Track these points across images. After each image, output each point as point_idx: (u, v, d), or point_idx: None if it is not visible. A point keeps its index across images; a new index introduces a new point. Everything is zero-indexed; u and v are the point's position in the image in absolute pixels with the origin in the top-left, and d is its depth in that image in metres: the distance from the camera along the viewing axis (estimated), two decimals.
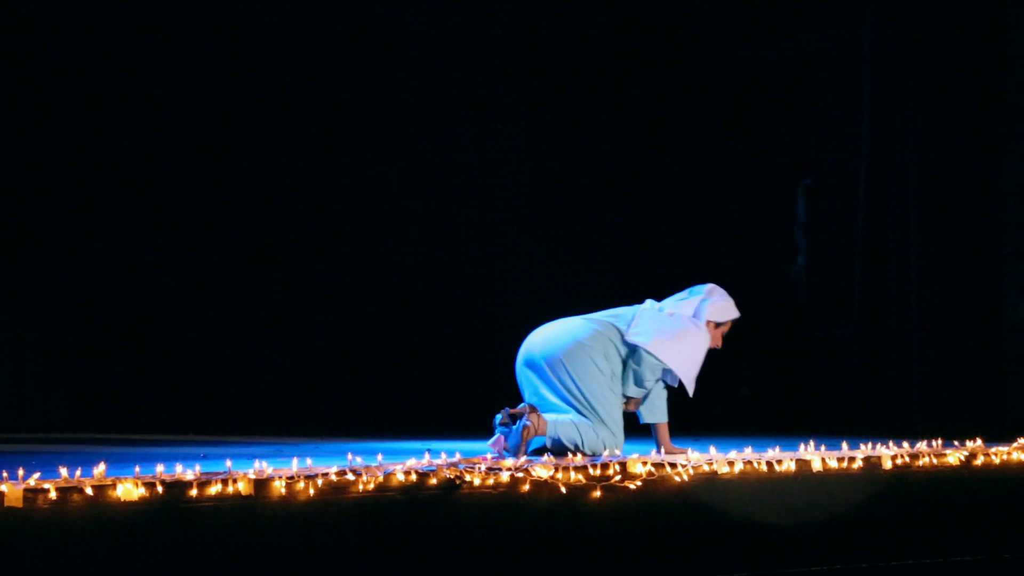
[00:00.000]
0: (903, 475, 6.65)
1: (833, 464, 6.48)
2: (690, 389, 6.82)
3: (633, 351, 6.75)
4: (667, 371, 6.78)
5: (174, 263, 9.66)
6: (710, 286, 7.08)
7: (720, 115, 10.82)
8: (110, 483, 5.04)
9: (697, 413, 10.02)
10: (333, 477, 5.42)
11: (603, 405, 6.66)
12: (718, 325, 7.04)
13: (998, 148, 9.58)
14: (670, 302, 7.02)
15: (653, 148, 10.73)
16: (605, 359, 6.72)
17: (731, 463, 6.24)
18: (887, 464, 6.63)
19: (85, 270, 9.49)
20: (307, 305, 9.95)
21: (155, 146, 9.59)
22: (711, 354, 7.00)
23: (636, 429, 7.01)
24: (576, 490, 5.85)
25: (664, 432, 6.87)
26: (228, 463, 5.39)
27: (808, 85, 10.88)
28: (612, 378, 6.73)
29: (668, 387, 6.93)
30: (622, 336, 6.79)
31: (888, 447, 6.84)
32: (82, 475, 5.07)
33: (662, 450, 6.64)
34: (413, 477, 5.56)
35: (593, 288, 10.44)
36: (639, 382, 6.77)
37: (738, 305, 7.09)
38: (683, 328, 6.85)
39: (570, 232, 10.55)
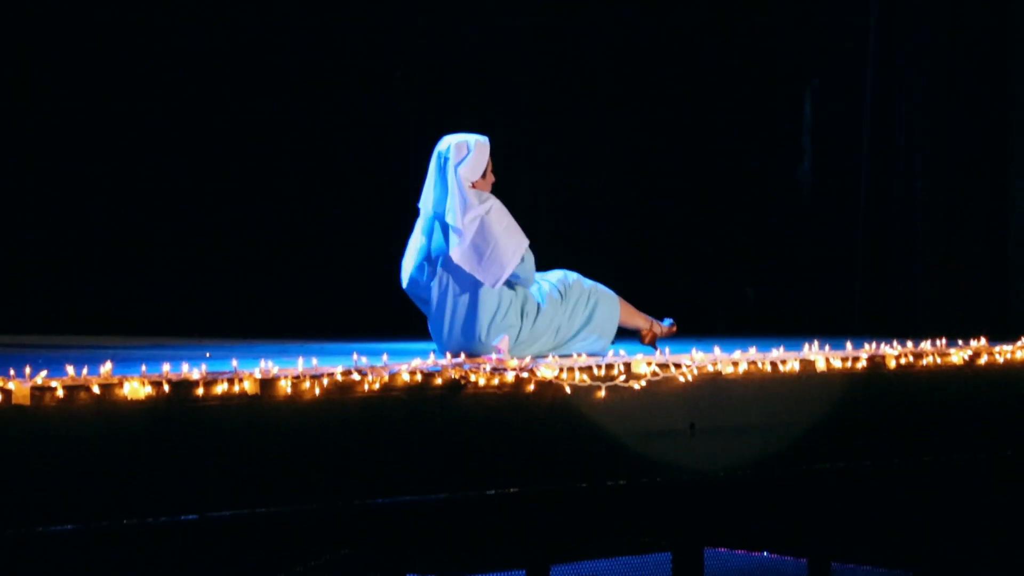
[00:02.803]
0: (907, 374, 6.67)
1: (837, 364, 6.49)
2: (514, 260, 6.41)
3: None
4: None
5: (178, 162, 9.63)
6: (441, 146, 6.52)
7: (725, 15, 10.73)
8: (117, 382, 5.06)
9: (702, 314, 10.08)
10: (338, 377, 5.43)
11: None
12: (484, 175, 6.51)
13: (1009, 47, 9.50)
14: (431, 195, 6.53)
15: (657, 45, 10.65)
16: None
17: (735, 363, 6.25)
18: (891, 364, 6.64)
19: (89, 170, 9.46)
20: (313, 205, 9.92)
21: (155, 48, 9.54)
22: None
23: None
24: (580, 390, 5.87)
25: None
26: (234, 362, 5.40)
27: None
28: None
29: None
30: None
31: (892, 347, 6.85)
32: (89, 374, 5.08)
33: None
34: (418, 377, 5.58)
35: (588, 193, 10.43)
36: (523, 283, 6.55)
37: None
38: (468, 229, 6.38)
39: (569, 136, 10.51)
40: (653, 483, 6.04)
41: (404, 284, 6.59)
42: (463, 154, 6.43)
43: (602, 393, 5.91)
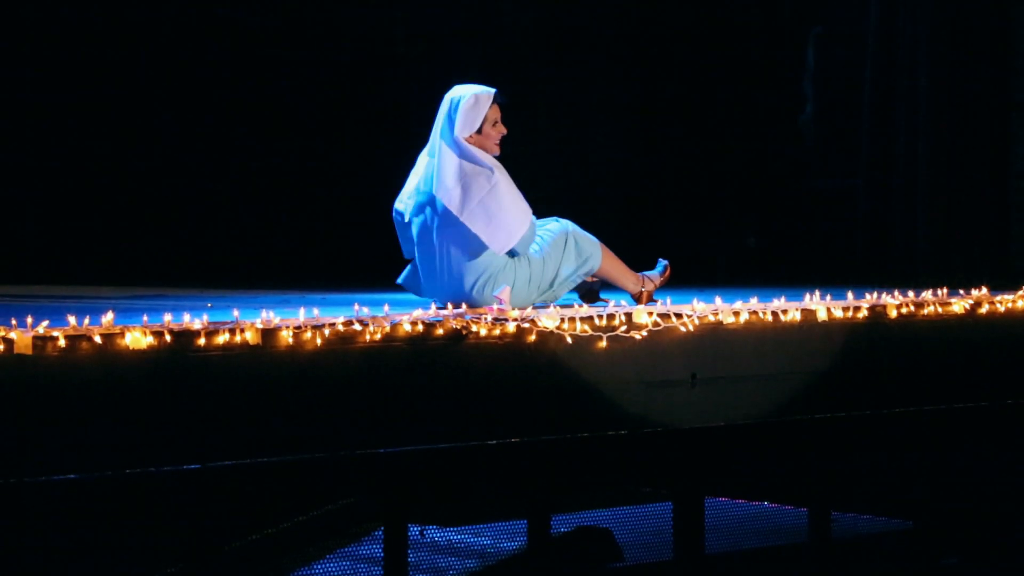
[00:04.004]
0: (908, 324, 6.69)
1: (839, 314, 6.51)
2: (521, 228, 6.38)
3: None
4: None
5: (177, 111, 9.62)
6: (447, 98, 6.42)
7: None
8: (118, 332, 5.07)
9: (703, 264, 10.10)
10: (340, 327, 5.44)
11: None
12: (479, 130, 6.42)
13: None
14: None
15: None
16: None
17: (736, 313, 6.27)
18: (892, 313, 6.66)
19: (86, 121, 9.46)
20: (314, 154, 9.93)
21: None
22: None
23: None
24: (582, 340, 5.89)
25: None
26: (235, 313, 5.42)
27: None
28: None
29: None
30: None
31: (893, 296, 6.86)
32: (91, 323, 5.10)
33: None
34: (420, 328, 5.59)
35: (588, 142, 10.42)
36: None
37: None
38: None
39: (568, 84, 10.49)
40: (654, 433, 6.07)
41: (392, 212, 6.58)
42: (453, 109, 6.35)
43: (603, 343, 5.93)
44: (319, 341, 5.39)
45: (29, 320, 5.04)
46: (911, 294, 6.88)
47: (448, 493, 5.91)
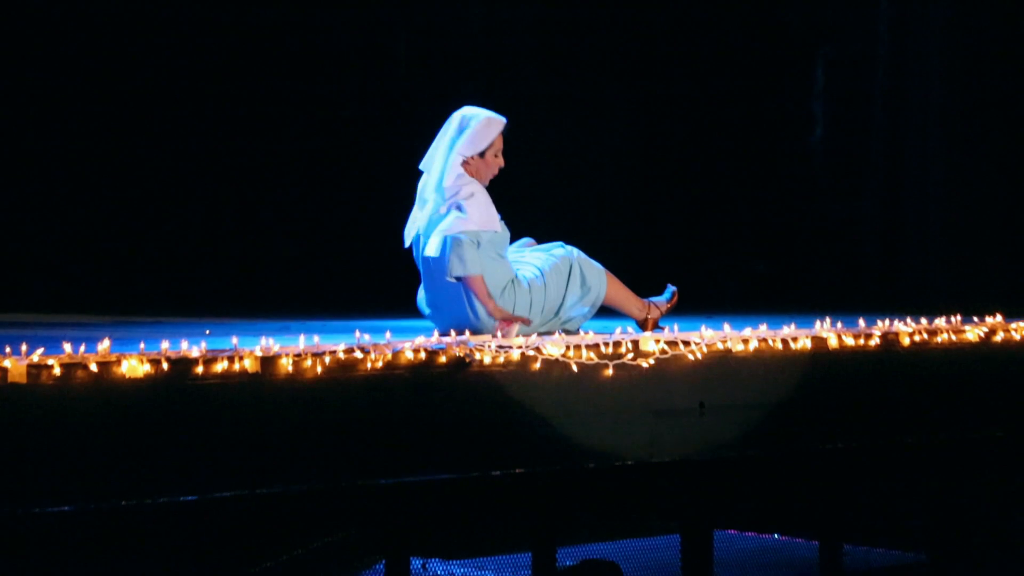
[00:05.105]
0: (921, 352, 6.68)
1: (850, 341, 6.50)
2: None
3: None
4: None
5: (176, 139, 9.64)
6: (457, 115, 6.46)
7: None
8: (115, 359, 5.07)
9: (711, 290, 10.10)
10: (341, 355, 5.44)
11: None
12: (482, 154, 6.45)
13: None
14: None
15: (664, 15, 10.65)
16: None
17: (745, 340, 6.26)
18: (905, 341, 6.65)
19: (85, 146, 9.48)
20: (315, 180, 9.94)
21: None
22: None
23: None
24: (588, 368, 5.88)
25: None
26: (234, 340, 5.42)
27: None
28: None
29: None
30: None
31: (906, 323, 6.86)
32: (86, 351, 5.10)
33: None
34: (422, 355, 5.59)
35: (595, 165, 10.44)
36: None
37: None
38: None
39: (575, 107, 10.51)
40: (662, 463, 6.06)
41: (406, 244, 6.61)
42: (464, 126, 6.39)
43: (609, 371, 5.93)
44: (319, 369, 5.39)
45: (23, 348, 5.04)
46: (924, 321, 6.88)
47: (451, 525, 5.90)
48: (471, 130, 6.38)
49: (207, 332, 6.55)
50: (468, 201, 6.29)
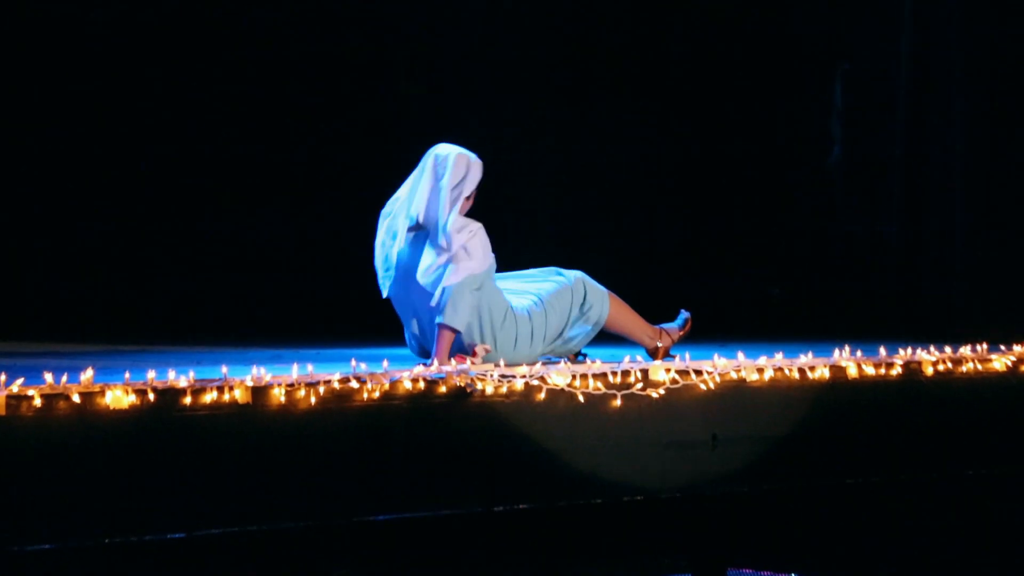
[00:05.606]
0: (945, 382, 6.67)
1: (870, 371, 6.50)
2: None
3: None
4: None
5: (167, 161, 9.67)
6: (439, 152, 6.51)
7: None
8: (98, 390, 5.07)
9: (724, 316, 10.08)
10: (336, 384, 5.44)
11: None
12: (468, 197, 6.50)
13: None
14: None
15: (679, 29, 10.67)
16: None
17: (760, 370, 6.26)
18: (928, 370, 6.65)
19: (71, 170, 9.50)
20: (308, 204, 9.95)
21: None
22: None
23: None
24: (595, 398, 5.88)
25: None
26: (224, 369, 5.42)
27: None
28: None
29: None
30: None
31: (929, 352, 6.85)
32: (68, 381, 5.10)
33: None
34: (421, 385, 5.59)
35: (605, 186, 10.45)
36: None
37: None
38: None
39: (584, 124, 10.53)
40: (672, 499, 6.05)
41: (384, 294, 6.63)
42: (462, 173, 6.43)
43: (618, 402, 5.92)
44: (313, 400, 5.39)
45: (2, 378, 5.03)
46: (948, 350, 6.87)
47: (451, 563, 5.89)
48: (470, 176, 6.43)
49: (197, 361, 6.55)
50: (472, 242, 6.31)
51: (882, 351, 6.85)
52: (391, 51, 10.15)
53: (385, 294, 6.62)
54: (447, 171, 6.41)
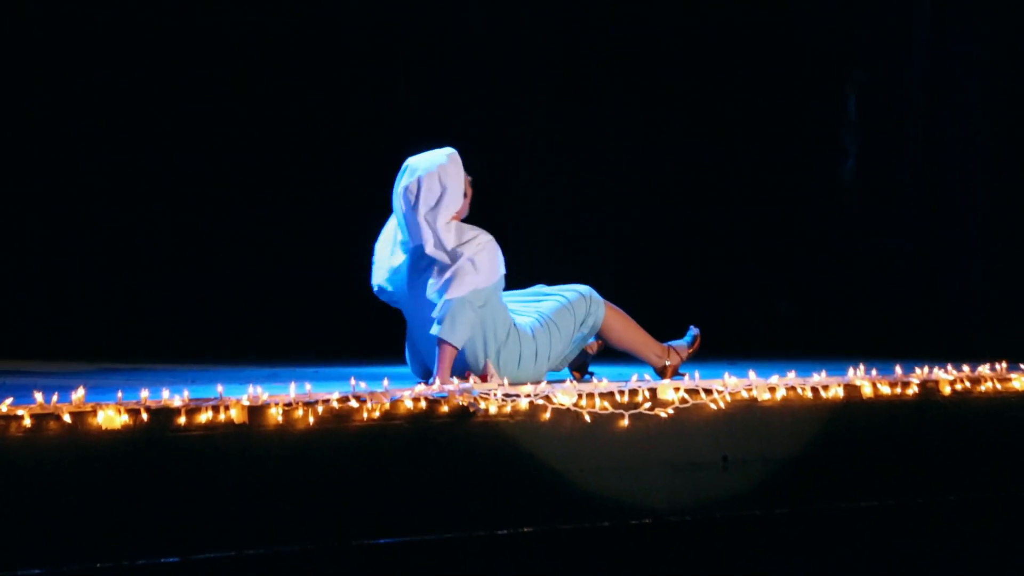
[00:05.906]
0: (963, 402, 6.66)
1: (885, 390, 6.49)
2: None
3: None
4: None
5: (163, 177, 9.69)
6: (409, 185, 6.41)
7: (759, 2, 10.76)
8: (90, 409, 5.07)
9: (735, 333, 10.08)
10: (335, 404, 5.44)
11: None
12: (466, 195, 6.50)
13: None
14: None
15: (691, 38, 10.69)
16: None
17: (772, 389, 6.25)
18: (946, 390, 6.64)
19: (64, 184, 9.52)
20: (306, 220, 9.97)
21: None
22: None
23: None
24: (601, 418, 5.87)
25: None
26: (219, 388, 5.41)
27: None
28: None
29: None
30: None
31: (947, 371, 6.84)
32: (59, 400, 5.09)
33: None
34: (422, 404, 5.58)
35: (613, 199, 10.46)
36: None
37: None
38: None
39: (591, 136, 10.54)
40: (681, 522, 6.04)
41: (374, 288, 6.62)
42: (436, 192, 6.33)
43: (625, 422, 5.92)
44: (311, 419, 5.39)
45: None
46: (966, 369, 6.86)
47: None
48: (447, 184, 6.32)
49: (191, 380, 6.55)
50: (480, 255, 6.28)
51: (898, 370, 6.84)
52: (391, 51, 10.16)
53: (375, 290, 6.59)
54: (419, 199, 6.33)
